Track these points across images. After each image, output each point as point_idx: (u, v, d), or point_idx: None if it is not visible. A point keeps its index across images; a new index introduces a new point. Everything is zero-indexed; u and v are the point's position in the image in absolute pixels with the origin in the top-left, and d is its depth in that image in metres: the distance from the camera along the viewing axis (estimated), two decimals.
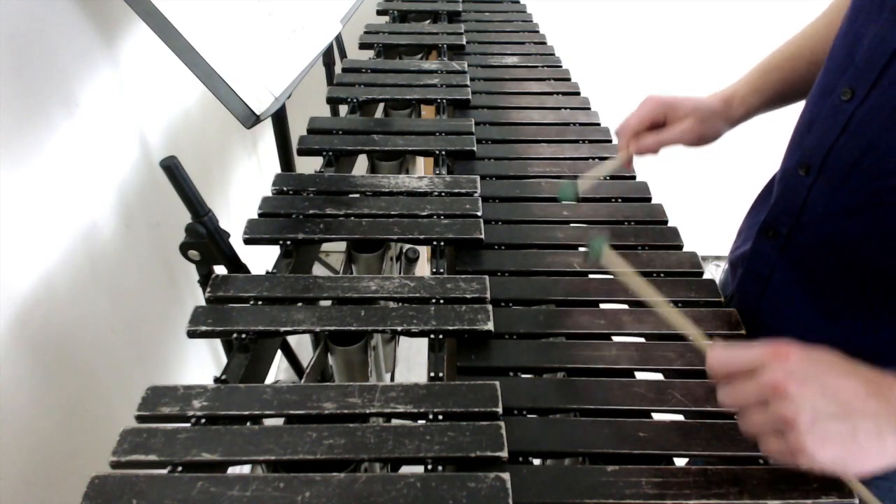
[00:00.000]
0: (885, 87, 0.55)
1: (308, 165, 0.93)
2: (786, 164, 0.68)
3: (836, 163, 0.60)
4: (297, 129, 0.98)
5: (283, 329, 0.64)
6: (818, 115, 0.63)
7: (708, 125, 0.77)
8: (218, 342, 0.80)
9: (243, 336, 0.64)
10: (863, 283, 0.61)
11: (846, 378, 0.46)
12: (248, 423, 0.56)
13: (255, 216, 0.78)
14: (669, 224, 0.83)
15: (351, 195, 0.82)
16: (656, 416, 0.59)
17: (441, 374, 0.62)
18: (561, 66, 1.18)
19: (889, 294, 0.59)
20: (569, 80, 1.14)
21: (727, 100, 0.78)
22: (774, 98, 0.77)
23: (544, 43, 1.28)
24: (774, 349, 0.47)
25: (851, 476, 0.50)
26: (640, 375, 0.64)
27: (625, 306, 0.71)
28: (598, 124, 1.02)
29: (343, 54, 1.48)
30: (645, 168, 0.90)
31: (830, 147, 0.60)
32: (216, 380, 0.61)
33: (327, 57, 1.41)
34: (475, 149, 0.93)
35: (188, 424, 0.55)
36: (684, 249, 0.79)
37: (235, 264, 0.75)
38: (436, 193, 0.83)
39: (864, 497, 0.51)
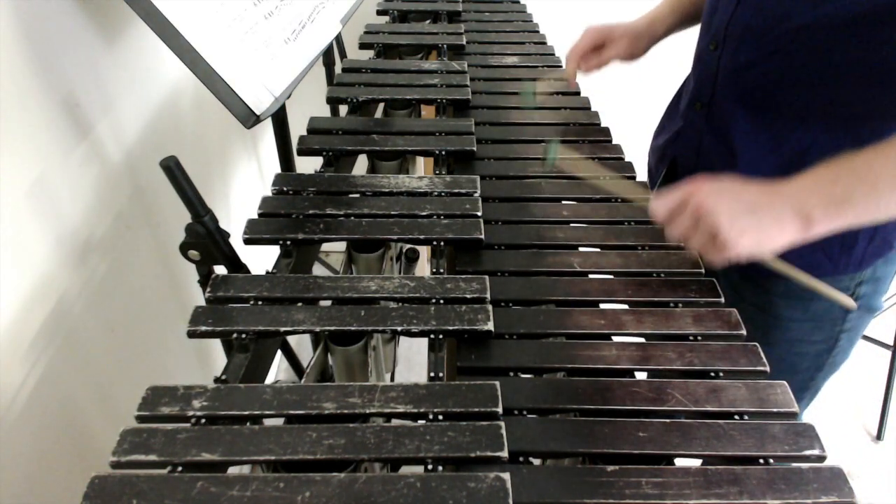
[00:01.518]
0: None
1: (308, 165, 0.93)
2: (699, 47, 0.86)
3: (734, 31, 0.77)
4: (297, 129, 0.98)
5: (283, 329, 0.64)
6: (719, 0, 0.80)
7: (637, 44, 0.97)
8: (218, 342, 0.79)
9: (243, 336, 0.64)
10: (770, 123, 0.78)
11: (749, 187, 0.63)
12: (248, 423, 0.56)
13: (255, 216, 0.78)
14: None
15: (351, 195, 0.82)
16: (656, 417, 0.59)
17: (441, 374, 0.62)
18: (561, 66, 1.18)
19: (788, 126, 0.76)
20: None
21: (651, 21, 0.97)
22: (688, 18, 0.95)
23: (544, 43, 1.28)
24: (692, 184, 0.64)
25: (768, 256, 0.65)
26: (639, 375, 0.64)
27: (625, 306, 0.71)
28: (598, 124, 1.02)
29: (343, 54, 1.48)
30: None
31: (729, 20, 0.78)
32: (216, 380, 0.61)
33: (327, 57, 1.41)
34: (475, 149, 0.93)
35: (188, 424, 0.55)
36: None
37: (235, 264, 0.75)
38: (436, 193, 0.83)
39: (782, 269, 0.68)
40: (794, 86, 0.74)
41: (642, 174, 0.91)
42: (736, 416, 0.59)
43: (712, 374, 0.63)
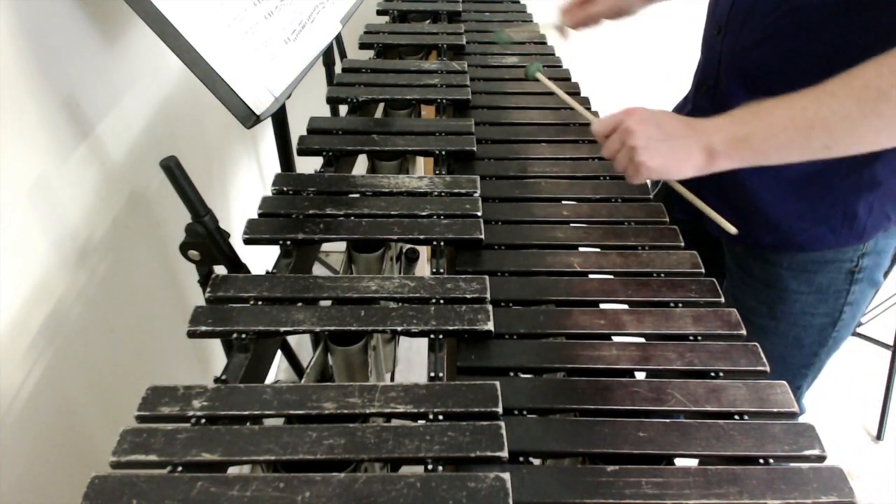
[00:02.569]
0: None
1: (308, 165, 0.93)
2: (705, 34, 0.90)
3: (736, 16, 0.81)
4: (297, 129, 0.98)
5: (283, 329, 0.64)
6: None
7: (625, 1, 0.97)
8: (218, 342, 0.79)
9: (243, 336, 0.64)
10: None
11: (672, 119, 0.71)
12: (248, 423, 0.56)
13: (255, 216, 0.78)
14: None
15: (351, 195, 0.82)
16: (656, 417, 0.59)
17: (441, 374, 0.62)
18: (561, 66, 1.18)
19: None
20: (569, 79, 1.14)
21: None
22: None
23: (544, 43, 1.28)
24: (627, 109, 0.73)
25: (673, 180, 0.76)
26: (639, 375, 0.64)
27: (625, 306, 0.71)
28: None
29: (343, 54, 1.47)
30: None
31: (731, 6, 0.81)
32: (216, 380, 0.61)
33: (327, 57, 1.41)
34: (475, 149, 0.93)
35: (188, 424, 0.55)
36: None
37: (235, 264, 0.75)
38: (436, 193, 0.83)
39: (680, 191, 0.78)
40: (793, 68, 0.76)
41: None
42: (736, 416, 0.59)
43: (712, 374, 0.63)
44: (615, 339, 0.67)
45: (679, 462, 0.57)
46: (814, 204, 0.82)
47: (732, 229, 0.76)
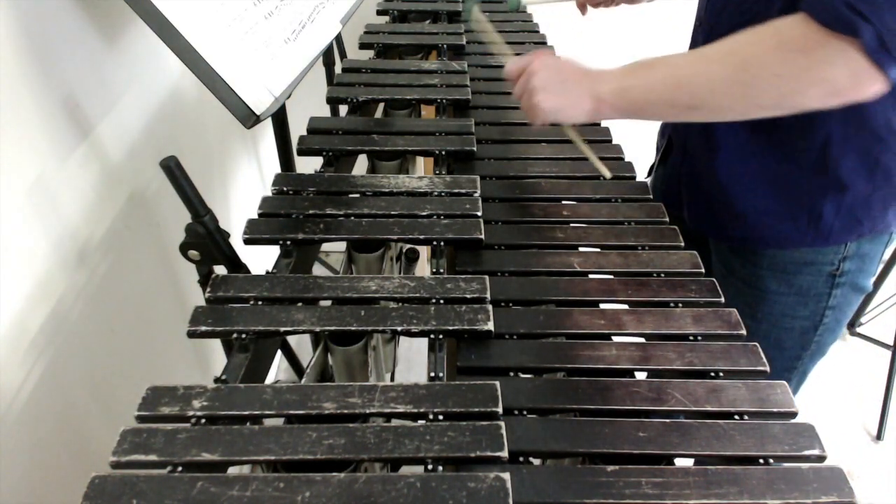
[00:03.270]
0: None
1: (308, 165, 0.93)
2: (693, 30, 0.91)
3: (711, 11, 0.83)
4: (297, 129, 0.98)
5: (283, 329, 0.64)
6: None
7: None
8: (218, 342, 0.79)
9: (243, 336, 0.64)
10: None
11: (572, 66, 0.76)
12: (248, 424, 0.56)
13: (255, 216, 0.78)
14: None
15: (351, 195, 0.82)
16: (656, 417, 0.59)
17: (441, 374, 0.62)
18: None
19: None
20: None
21: None
22: None
23: (544, 43, 1.28)
24: (536, 53, 0.79)
25: (565, 122, 0.81)
26: (639, 375, 0.64)
27: (625, 306, 0.71)
28: (598, 124, 1.02)
29: (343, 54, 1.47)
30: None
31: (707, 2, 0.84)
32: (216, 380, 0.61)
33: (327, 57, 1.41)
34: (475, 149, 0.93)
35: (188, 424, 0.55)
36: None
37: (235, 264, 0.75)
38: (436, 193, 0.83)
39: (571, 134, 0.87)
40: None
41: (642, 175, 0.91)
42: (736, 416, 0.59)
43: (712, 374, 0.63)
44: (615, 339, 0.67)
45: (679, 462, 0.57)
46: (780, 200, 0.82)
47: (607, 173, 0.85)
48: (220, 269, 0.73)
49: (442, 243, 0.76)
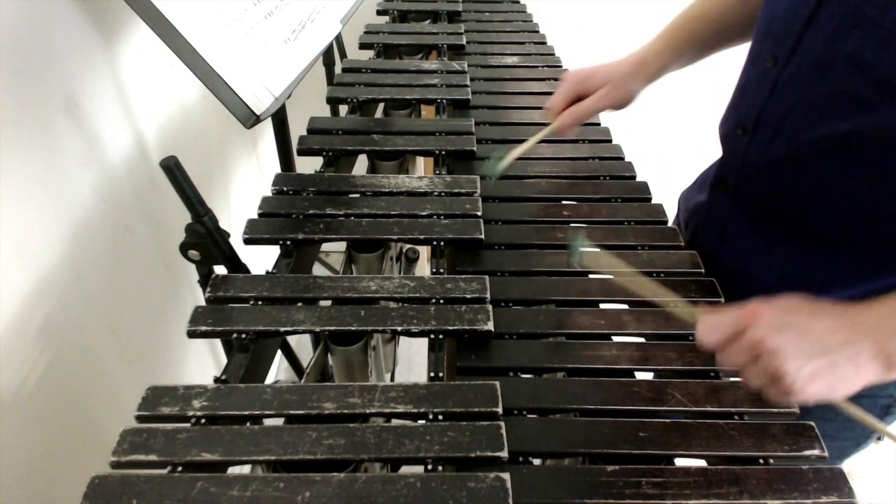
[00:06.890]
0: (803, 53, 0.62)
1: (308, 165, 0.92)
2: (727, 125, 0.76)
3: (766, 122, 0.68)
4: (297, 129, 0.97)
5: (283, 329, 0.64)
6: (749, 80, 0.71)
7: (623, 90, 0.83)
8: (218, 342, 0.79)
9: (243, 336, 0.64)
10: (802, 224, 0.69)
11: (816, 318, 0.52)
12: (248, 423, 0.56)
13: (255, 216, 0.78)
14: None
15: (351, 195, 0.82)
16: (656, 417, 0.59)
17: (441, 374, 0.62)
18: (561, 67, 1.18)
19: (823, 233, 0.67)
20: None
21: (640, 62, 0.84)
22: (684, 56, 0.84)
23: (544, 43, 1.28)
24: (748, 311, 0.52)
25: (839, 400, 0.53)
26: (639, 375, 0.64)
27: (625, 306, 0.71)
28: (598, 124, 1.02)
29: (343, 54, 1.47)
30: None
31: (762, 108, 0.68)
32: (216, 380, 0.61)
33: (327, 57, 1.41)
34: (475, 149, 0.93)
35: (188, 424, 0.55)
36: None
37: (235, 264, 0.75)
38: (436, 193, 0.83)
39: (854, 414, 0.54)
40: (834, 191, 0.64)
41: (641, 175, 0.91)
42: (736, 416, 0.59)
43: (712, 374, 0.63)
44: (615, 339, 0.67)
45: (679, 462, 0.57)
46: None
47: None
48: (220, 269, 0.73)
49: (442, 243, 0.76)
